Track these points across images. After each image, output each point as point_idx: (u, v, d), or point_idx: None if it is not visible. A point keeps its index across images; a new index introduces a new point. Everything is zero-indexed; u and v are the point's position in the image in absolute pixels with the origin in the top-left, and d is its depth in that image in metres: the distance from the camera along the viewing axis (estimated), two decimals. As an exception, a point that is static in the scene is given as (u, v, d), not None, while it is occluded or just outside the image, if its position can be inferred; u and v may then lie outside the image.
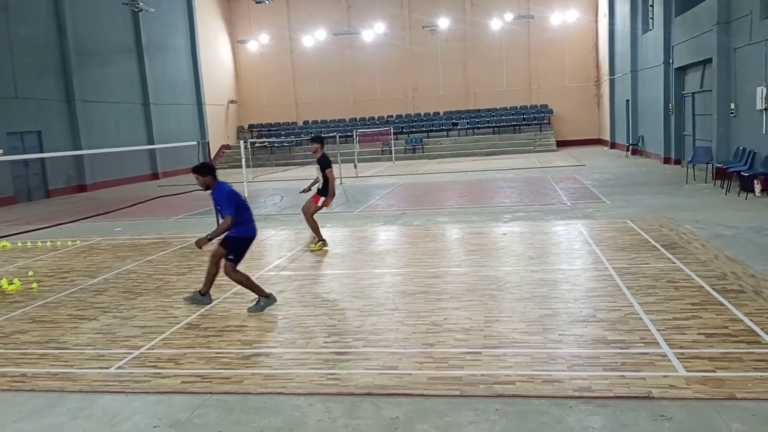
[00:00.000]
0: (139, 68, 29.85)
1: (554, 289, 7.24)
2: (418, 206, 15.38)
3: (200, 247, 6.92)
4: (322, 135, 10.71)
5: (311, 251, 10.28)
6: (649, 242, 9.44)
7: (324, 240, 10.44)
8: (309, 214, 10.39)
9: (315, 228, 10.40)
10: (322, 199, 10.33)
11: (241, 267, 7.10)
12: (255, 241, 7.12)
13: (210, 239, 6.78)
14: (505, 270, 8.35)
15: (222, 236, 6.89)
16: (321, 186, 10.32)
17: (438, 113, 37.21)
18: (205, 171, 7.00)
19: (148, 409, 4.72)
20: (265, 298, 7.06)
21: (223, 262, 7.01)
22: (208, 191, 7.03)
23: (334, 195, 10.43)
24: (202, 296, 7.40)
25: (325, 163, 10.22)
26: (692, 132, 20.26)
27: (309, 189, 10.71)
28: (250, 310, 7.05)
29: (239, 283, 7.07)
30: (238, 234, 6.94)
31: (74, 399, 4.97)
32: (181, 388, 5.04)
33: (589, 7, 35.01)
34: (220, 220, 7.02)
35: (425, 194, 18.00)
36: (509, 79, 36.64)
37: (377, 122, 37.22)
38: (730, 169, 14.59)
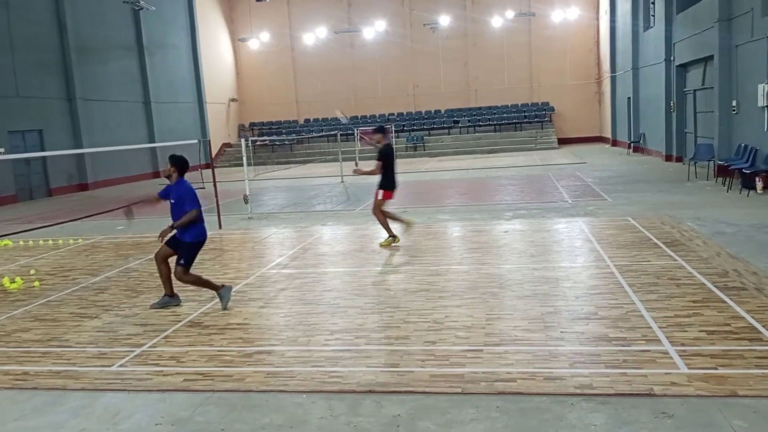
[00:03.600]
0: (140, 66, 29.85)
1: (556, 287, 7.24)
2: (419, 204, 15.37)
3: (162, 239, 6.94)
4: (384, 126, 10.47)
5: (381, 246, 10.09)
6: (650, 240, 9.44)
7: (395, 236, 10.14)
8: (375, 211, 10.08)
9: (383, 223, 10.08)
10: (381, 192, 10.02)
11: (243, 266, 7.10)
12: (257, 239, 7.14)
13: (173, 228, 6.83)
14: (507, 268, 8.35)
15: (171, 233, 6.94)
16: (380, 178, 10.01)
17: (439, 111, 37.18)
18: (179, 165, 7.10)
19: (150, 407, 4.73)
20: (223, 289, 7.12)
21: (173, 266, 7.02)
22: (167, 182, 7.04)
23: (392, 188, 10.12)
24: (171, 298, 7.37)
25: (381, 155, 9.91)
26: (694, 129, 20.23)
27: (360, 171, 10.62)
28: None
29: (193, 284, 7.12)
30: (195, 238, 7.01)
31: (76, 397, 4.98)
32: (183, 386, 5.05)
33: (590, 5, 34.95)
34: (172, 217, 7.03)
35: (426, 192, 18.00)
36: (510, 76, 36.60)
37: (378, 120, 37.18)
38: (732, 167, 14.57)
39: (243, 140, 15.32)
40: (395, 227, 10.33)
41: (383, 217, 10.11)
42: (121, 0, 27.46)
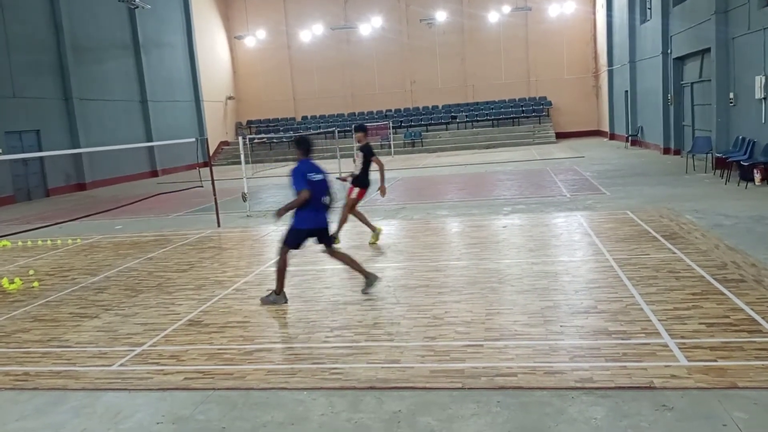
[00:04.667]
0: (136, 65, 29.79)
1: (555, 281, 7.24)
2: (417, 200, 15.37)
3: (278, 217, 6.80)
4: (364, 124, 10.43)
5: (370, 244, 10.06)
6: (649, 233, 9.45)
7: (375, 228, 10.21)
8: (348, 209, 10.07)
9: (343, 221, 10.05)
10: (357, 190, 10.01)
11: (242, 264, 7.09)
12: (256, 237, 7.12)
13: (283, 210, 6.74)
14: (506, 262, 8.35)
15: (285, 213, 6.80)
16: (358, 175, 9.99)
17: (436, 107, 37.15)
18: (298, 145, 6.99)
19: (151, 405, 4.73)
20: (276, 295, 7.06)
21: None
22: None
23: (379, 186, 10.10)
24: (369, 281, 7.17)
25: (367, 152, 9.95)
26: (691, 122, 20.24)
27: (345, 179, 10.44)
28: (262, 300, 7.15)
29: (279, 271, 7.00)
30: (296, 224, 6.86)
31: (77, 397, 4.98)
32: (184, 384, 5.05)
33: (586, -2, 34.94)
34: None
35: (425, 188, 17.99)
36: (507, 71, 36.57)
37: (376, 116, 37.17)
38: (730, 159, 14.58)
39: (240, 138, 15.31)
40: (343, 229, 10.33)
41: (357, 214, 10.17)
42: (116, -1, 27.43)
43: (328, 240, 7.10)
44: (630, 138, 26.90)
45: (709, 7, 16.59)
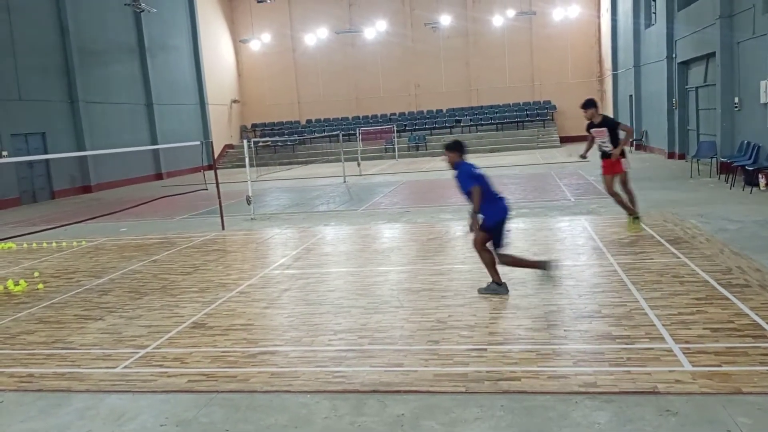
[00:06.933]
0: (141, 69, 29.90)
1: (559, 285, 7.23)
2: (421, 204, 15.38)
3: (472, 230, 6.85)
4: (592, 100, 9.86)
5: (630, 233, 9.60)
6: (653, 237, 9.42)
7: (638, 216, 9.69)
8: (614, 187, 9.63)
9: (629, 202, 9.60)
10: (623, 161, 9.46)
11: (246, 266, 7.09)
12: (260, 240, 7.13)
13: (475, 214, 6.77)
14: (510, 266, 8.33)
15: (478, 220, 6.81)
16: (608, 148, 9.44)
17: (441, 110, 37.17)
18: (453, 148, 7.01)
19: (155, 408, 4.74)
20: (497, 285, 7.01)
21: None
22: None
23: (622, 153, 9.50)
24: (499, 286, 7.07)
25: (611, 123, 9.50)
26: (696, 126, 20.20)
27: (586, 155, 9.98)
28: (480, 290, 7.09)
29: (512, 265, 7.01)
30: (493, 219, 6.85)
31: (81, 399, 4.99)
32: (188, 386, 5.06)
33: (591, 3, 34.92)
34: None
35: (428, 192, 18.00)
36: (512, 75, 36.58)
37: (380, 120, 37.21)
38: (735, 164, 14.54)
39: (245, 141, 15.34)
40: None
41: (631, 193, 9.78)
42: (122, 2, 27.52)
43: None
44: (634, 142, 26.84)
45: (714, 12, 16.56)
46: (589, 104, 9.63)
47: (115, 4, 27.59)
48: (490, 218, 6.83)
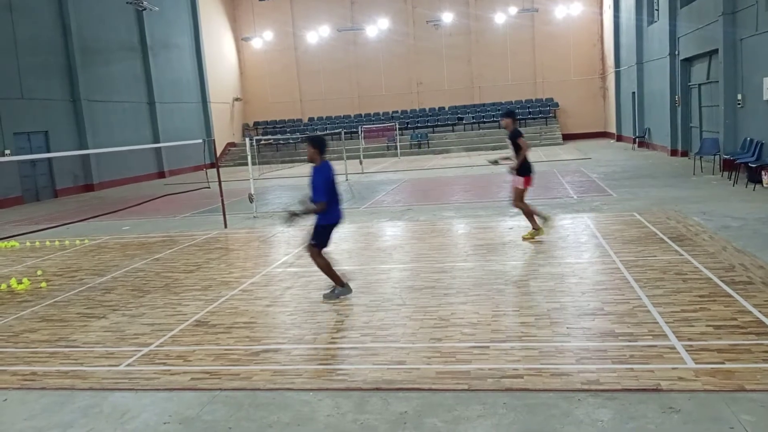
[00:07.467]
0: (143, 67, 29.92)
1: (561, 283, 7.23)
2: (424, 201, 15.37)
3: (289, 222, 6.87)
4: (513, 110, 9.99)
5: (524, 239, 9.66)
6: (656, 234, 9.41)
7: (538, 228, 9.64)
8: (516, 201, 9.65)
9: (529, 214, 9.63)
10: (521, 179, 9.51)
11: (249, 264, 7.10)
12: (262, 238, 7.14)
13: (296, 214, 6.82)
14: (512, 264, 8.34)
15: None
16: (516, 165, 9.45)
17: (443, 108, 37.13)
18: (319, 144, 6.90)
19: (158, 405, 4.75)
20: (341, 287, 7.09)
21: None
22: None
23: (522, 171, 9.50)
24: (342, 288, 7.18)
25: (514, 136, 9.44)
26: (699, 123, 20.16)
27: (497, 162, 9.99)
28: (325, 296, 7.15)
29: (321, 268, 7.07)
30: (328, 221, 6.89)
31: (84, 396, 5.01)
32: (191, 384, 5.07)
33: (593, 0, 34.84)
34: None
35: (431, 189, 17.99)
36: (514, 72, 36.53)
37: (382, 118, 37.19)
38: (738, 161, 14.51)
39: (247, 139, 15.35)
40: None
41: (527, 206, 9.75)
42: (124, 1, 27.53)
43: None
44: (637, 139, 26.81)
45: (717, 9, 16.52)
46: (506, 114, 9.69)
47: (117, 2, 27.60)
48: (325, 218, 6.86)
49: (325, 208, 6.76)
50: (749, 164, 13.85)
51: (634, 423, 3.99)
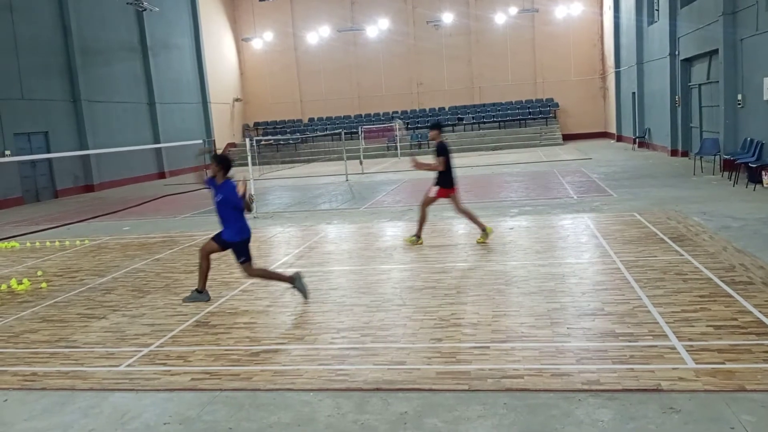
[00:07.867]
0: (144, 67, 29.92)
1: (562, 283, 7.23)
2: (424, 202, 15.34)
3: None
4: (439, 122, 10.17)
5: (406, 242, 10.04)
6: (656, 235, 9.41)
7: (419, 237, 9.98)
8: (422, 204, 9.98)
9: (421, 221, 9.96)
10: (436, 189, 9.81)
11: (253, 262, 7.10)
12: (262, 239, 7.16)
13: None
14: (512, 264, 8.34)
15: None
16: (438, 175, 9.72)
17: (443, 108, 37.13)
18: (225, 162, 7.07)
19: (158, 406, 4.75)
20: (296, 280, 7.19)
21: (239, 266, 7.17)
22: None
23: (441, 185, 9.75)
24: (199, 293, 7.50)
25: (439, 151, 9.62)
26: (699, 124, 20.16)
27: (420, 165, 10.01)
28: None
29: (261, 278, 7.30)
30: (241, 236, 7.04)
31: (85, 397, 5.01)
32: (191, 385, 5.07)
33: (593, 0, 34.84)
34: (219, 214, 7.11)
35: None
36: (514, 73, 36.53)
37: (382, 118, 37.19)
38: (738, 161, 14.51)
39: (247, 140, 15.35)
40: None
41: (424, 214, 10.04)
42: (124, 1, 27.54)
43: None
44: (637, 140, 26.81)
45: (717, 9, 16.52)
46: (433, 126, 9.91)
47: (117, 3, 27.59)
48: (237, 234, 7.00)
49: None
50: (749, 164, 13.85)
51: (635, 423, 3.99)
